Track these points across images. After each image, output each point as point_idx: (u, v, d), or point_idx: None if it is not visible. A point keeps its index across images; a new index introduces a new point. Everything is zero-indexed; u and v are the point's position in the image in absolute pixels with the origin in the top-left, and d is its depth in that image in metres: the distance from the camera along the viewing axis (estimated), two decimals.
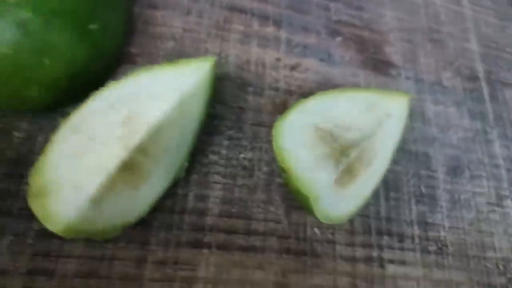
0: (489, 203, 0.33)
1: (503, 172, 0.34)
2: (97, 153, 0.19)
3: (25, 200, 0.22)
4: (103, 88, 0.22)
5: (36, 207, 0.18)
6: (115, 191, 0.19)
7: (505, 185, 0.34)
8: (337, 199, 0.24)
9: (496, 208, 0.33)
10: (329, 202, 0.23)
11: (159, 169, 0.22)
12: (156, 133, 0.21)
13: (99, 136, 0.20)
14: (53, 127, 0.24)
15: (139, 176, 0.20)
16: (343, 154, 0.24)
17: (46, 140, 0.24)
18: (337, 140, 0.24)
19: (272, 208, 0.26)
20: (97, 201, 0.18)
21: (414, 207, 0.30)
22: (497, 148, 0.35)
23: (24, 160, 0.23)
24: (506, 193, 0.34)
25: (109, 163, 0.19)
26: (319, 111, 0.26)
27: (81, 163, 0.19)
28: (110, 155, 0.19)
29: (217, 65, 0.29)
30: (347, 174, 0.24)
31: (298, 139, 0.24)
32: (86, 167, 0.18)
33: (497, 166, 0.34)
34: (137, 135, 0.20)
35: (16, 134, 0.23)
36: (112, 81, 0.22)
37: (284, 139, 0.24)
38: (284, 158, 0.23)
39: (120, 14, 0.26)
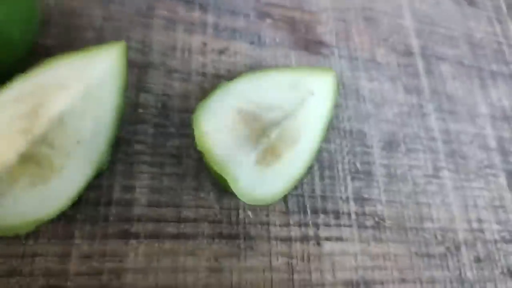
0: (425, 175, 0.33)
1: (439, 144, 0.35)
2: None
3: None
4: (11, 81, 0.21)
5: None
6: (20, 185, 0.19)
7: (441, 156, 0.35)
8: (260, 180, 0.24)
9: (433, 180, 0.33)
10: (251, 183, 0.23)
11: (73, 161, 0.21)
12: (62, 124, 0.20)
13: (1, 129, 0.19)
14: None
15: (47, 169, 0.20)
16: (264, 134, 0.24)
17: None
18: (259, 120, 0.24)
19: (202, 194, 0.26)
20: None
21: (350, 183, 0.30)
22: (433, 121, 0.36)
23: None
24: (443, 164, 0.34)
25: (7, 157, 0.18)
26: (242, 92, 0.25)
27: None
28: (10, 149, 0.18)
29: (141, 53, 0.29)
30: (270, 154, 0.24)
31: (219, 122, 0.24)
32: None
33: (433, 139, 0.35)
34: (39, 127, 0.19)
35: None
36: (20, 74, 0.22)
37: (204, 123, 0.24)
38: (203, 141, 0.23)
39: (28, 3, 0.25)
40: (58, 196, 0.21)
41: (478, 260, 0.32)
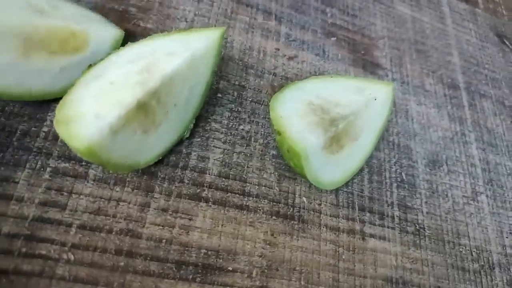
0: (464, 196, 0.35)
1: (479, 171, 0.37)
2: (117, 93, 0.21)
3: (44, 139, 0.24)
4: (122, 47, 0.25)
5: (61, 131, 0.20)
6: (130, 129, 0.22)
7: (480, 182, 0.37)
8: (324, 163, 0.26)
9: (471, 202, 0.35)
10: (318, 165, 0.26)
11: (168, 121, 0.24)
12: (169, 84, 0.23)
13: (119, 81, 0.22)
14: None
15: (151, 121, 0.23)
16: (332, 124, 0.26)
17: None
18: (327, 113, 0.27)
19: (265, 175, 0.29)
20: (115, 131, 0.20)
21: (395, 190, 0.33)
22: (474, 149, 0.38)
23: (46, 105, 0.25)
24: (481, 189, 0.36)
25: (127, 100, 0.21)
26: (313, 89, 0.29)
27: (102, 100, 0.21)
28: (129, 94, 0.21)
29: (224, 47, 0.32)
30: (335, 143, 0.27)
31: (292, 109, 0.27)
32: (107, 102, 0.21)
33: (473, 165, 0.37)
34: (153, 80, 0.22)
35: None
36: (130, 42, 0.25)
37: (280, 108, 0.27)
38: (279, 123, 0.26)
39: None
40: (153, 148, 0.24)
41: (511, 283, 0.33)
